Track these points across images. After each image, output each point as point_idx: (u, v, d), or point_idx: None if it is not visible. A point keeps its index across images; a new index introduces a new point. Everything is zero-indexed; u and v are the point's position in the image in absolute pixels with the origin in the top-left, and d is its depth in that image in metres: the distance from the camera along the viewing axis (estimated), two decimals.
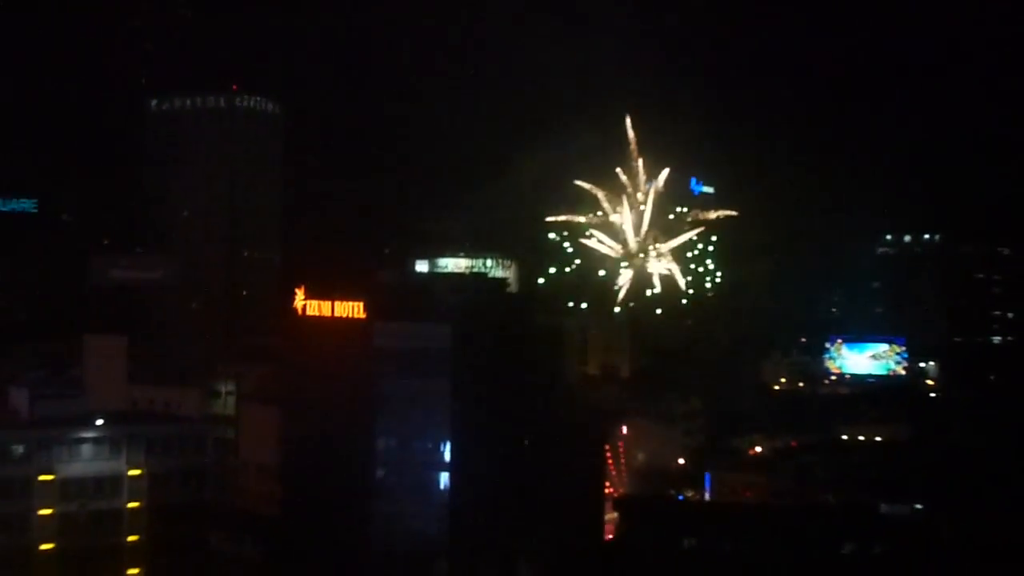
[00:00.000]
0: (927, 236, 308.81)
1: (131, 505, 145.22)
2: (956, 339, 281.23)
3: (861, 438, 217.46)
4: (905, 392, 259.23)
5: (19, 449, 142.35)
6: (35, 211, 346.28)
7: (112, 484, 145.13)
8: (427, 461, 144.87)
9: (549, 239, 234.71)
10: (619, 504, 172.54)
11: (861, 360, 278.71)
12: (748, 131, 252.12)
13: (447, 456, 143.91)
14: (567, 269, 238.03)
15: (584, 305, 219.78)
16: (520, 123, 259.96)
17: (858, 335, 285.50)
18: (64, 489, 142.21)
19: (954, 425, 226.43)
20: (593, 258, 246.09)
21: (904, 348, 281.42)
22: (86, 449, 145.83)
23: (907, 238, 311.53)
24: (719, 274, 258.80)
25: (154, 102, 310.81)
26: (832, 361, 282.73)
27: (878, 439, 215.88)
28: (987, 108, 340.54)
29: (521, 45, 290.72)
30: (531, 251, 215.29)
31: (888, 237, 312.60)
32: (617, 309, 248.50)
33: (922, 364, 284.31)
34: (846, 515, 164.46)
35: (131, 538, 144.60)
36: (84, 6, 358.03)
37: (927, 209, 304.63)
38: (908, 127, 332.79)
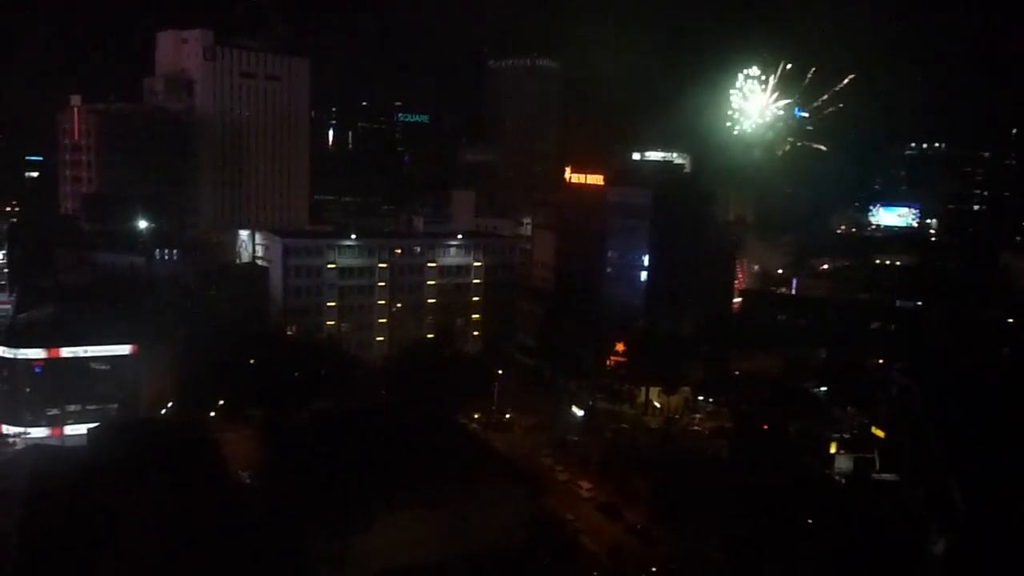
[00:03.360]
0: (936, 144, 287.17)
1: (475, 281, 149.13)
2: (950, 206, 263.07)
3: (887, 262, 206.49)
4: (915, 237, 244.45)
5: (417, 249, 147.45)
6: (427, 122, 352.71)
7: (464, 269, 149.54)
8: (634, 265, 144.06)
9: (709, 140, 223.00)
10: (742, 293, 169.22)
11: (891, 217, 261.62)
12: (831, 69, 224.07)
13: (645, 262, 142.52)
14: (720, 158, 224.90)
15: (728, 177, 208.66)
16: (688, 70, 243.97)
17: (890, 201, 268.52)
18: (440, 271, 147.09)
19: (944, 255, 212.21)
20: (734, 150, 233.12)
21: (918, 210, 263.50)
22: (452, 250, 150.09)
23: (924, 145, 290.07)
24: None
25: (491, 61, 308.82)
26: (873, 217, 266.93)
27: (897, 263, 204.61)
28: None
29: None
30: (699, 147, 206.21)
31: (912, 144, 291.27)
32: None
33: (928, 220, 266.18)
34: (874, 306, 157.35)
35: (475, 299, 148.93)
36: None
37: (938, 124, 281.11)
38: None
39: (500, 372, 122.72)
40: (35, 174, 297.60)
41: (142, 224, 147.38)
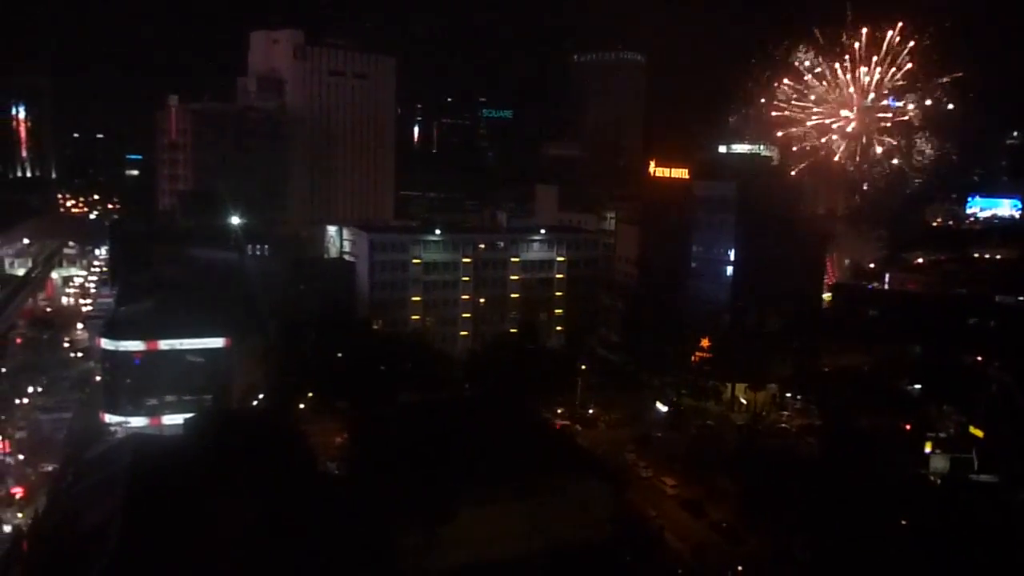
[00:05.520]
0: None
1: (558, 276, 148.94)
2: None
3: (986, 255, 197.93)
4: (1017, 229, 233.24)
5: (501, 244, 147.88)
6: (510, 118, 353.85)
7: (548, 264, 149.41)
8: (720, 259, 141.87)
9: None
10: (832, 288, 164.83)
11: (991, 209, 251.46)
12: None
13: (731, 256, 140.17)
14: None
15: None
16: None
17: (990, 193, 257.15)
18: (523, 265, 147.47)
19: None
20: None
21: (1020, 202, 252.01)
22: (535, 245, 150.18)
23: None
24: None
25: (575, 56, 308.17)
26: (971, 209, 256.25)
27: (997, 257, 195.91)
28: None
29: None
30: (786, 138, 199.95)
31: (1015, 133, 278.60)
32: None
33: None
34: (973, 302, 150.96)
35: (558, 294, 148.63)
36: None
37: None
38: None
39: (583, 367, 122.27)
40: (135, 172, 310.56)
41: (235, 220, 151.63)
